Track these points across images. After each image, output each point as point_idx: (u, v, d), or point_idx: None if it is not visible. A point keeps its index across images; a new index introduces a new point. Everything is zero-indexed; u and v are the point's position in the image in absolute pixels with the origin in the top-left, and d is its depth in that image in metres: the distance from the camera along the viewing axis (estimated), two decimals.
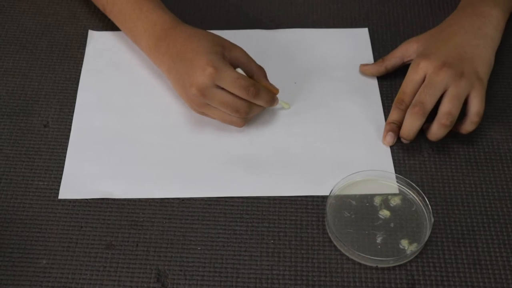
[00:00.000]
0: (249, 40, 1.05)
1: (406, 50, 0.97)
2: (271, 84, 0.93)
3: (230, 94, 0.88)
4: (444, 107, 0.88)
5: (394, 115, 0.92)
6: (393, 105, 0.92)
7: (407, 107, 0.91)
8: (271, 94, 0.92)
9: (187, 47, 0.90)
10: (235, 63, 0.91)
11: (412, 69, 0.92)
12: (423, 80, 0.90)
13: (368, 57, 1.03)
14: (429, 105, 0.89)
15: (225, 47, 0.91)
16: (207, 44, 0.90)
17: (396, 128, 0.92)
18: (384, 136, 0.92)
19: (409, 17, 1.08)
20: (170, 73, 0.93)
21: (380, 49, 1.03)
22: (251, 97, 0.88)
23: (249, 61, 0.93)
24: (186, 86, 0.89)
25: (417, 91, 0.90)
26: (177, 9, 1.09)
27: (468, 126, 0.90)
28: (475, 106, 0.89)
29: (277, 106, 0.95)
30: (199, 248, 0.83)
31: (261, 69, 0.94)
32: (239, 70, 0.90)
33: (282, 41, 1.05)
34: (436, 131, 0.89)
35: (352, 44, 1.05)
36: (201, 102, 0.89)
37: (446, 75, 0.88)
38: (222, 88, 0.88)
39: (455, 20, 0.97)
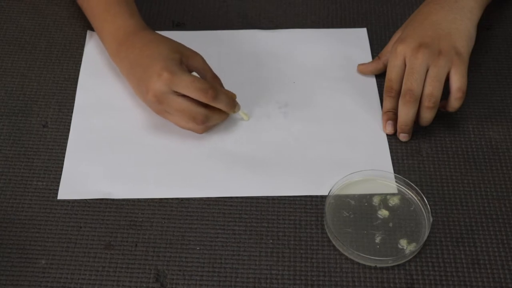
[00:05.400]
0: (248, 41, 1.05)
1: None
2: (227, 91, 0.92)
3: (187, 101, 0.87)
4: (426, 90, 0.89)
5: (387, 104, 0.93)
6: (384, 94, 0.93)
7: (398, 93, 0.92)
8: (230, 98, 0.91)
9: (144, 53, 0.90)
10: (192, 71, 0.90)
11: (392, 55, 0.92)
12: (405, 64, 0.91)
13: (367, 57, 1.03)
14: (418, 91, 0.89)
15: (183, 54, 0.90)
16: (164, 51, 0.89)
17: (393, 115, 0.92)
18: (384, 126, 0.93)
19: (408, 17, 1.08)
20: (129, 79, 0.94)
21: (378, 49, 1.03)
22: (210, 99, 0.87)
23: (205, 70, 0.92)
24: (143, 93, 0.89)
25: (402, 75, 0.91)
26: (176, 10, 1.10)
27: (453, 103, 0.91)
28: (456, 82, 0.90)
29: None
30: (198, 248, 0.83)
31: (216, 78, 0.93)
32: (195, 74, 0.90)
33: (281, 41, 1.05)
34: (423, 114, 0.91)
35: (350, 44, 1.05)
36: (158, 108, 0.89)
37: (424, 56, 0.89)
38: (180, 95, 0.87)
39: None
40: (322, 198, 0.87)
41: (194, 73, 0.90)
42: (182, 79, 0.86)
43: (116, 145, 0.92)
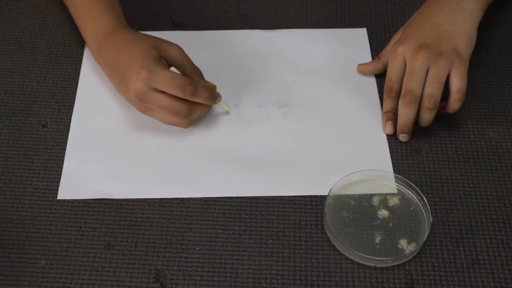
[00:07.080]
0: (248, 41, 1.05)
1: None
2: (207, 82, 0.92)
3: (168, 97, 0.88)
4: (426, 91, 0.89)
5: (387, 104, 0.93)
6: (384, 94, 0.93)
7: (398, 94, 0.92)
8: (210, 91, 0.91)
9: (123, 52, 0.91)
10: (171, 64, 0.91)
11: (392, 56, 0.93)
12: (405, 65, 0.91)
13: (367, 57, 1.03)
14: (418, 91, 0.89)
15: (160, 48, 0.90)
16: (142, 49, 0.90)
17: (393, 116, 0.92)
18: (384, 126, 0.93)
19: (408, 18, 1.07)
20: (111, 79, 0.94)
21: (378, 49, 1.03)
22: (189, 96, 0.87)
23: (184, 61, 0.92)
24: (125, 92, 0.90)
25: (402, 76, 0.91)
26: (176, 10, 1.10)
27: (452, 104, 0.91)
28: (456, 84, 0.90)
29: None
30: (198, 248, 0.83)
31: (196, 70, 0.93)
32: (173, 69, 0.90)
33: (281, 41, 1.05)
34: (423, 115, 0.91)
35: (350, 44, 1.05)
36: (141, 106, 0.90)
37: (424, 57, 0.89)
38: (160, 92, 0.87)
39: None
40: (322, 198, 0.87)
41: (173, 68, 0.90)
42: (161, 77, 0.87)
43: (116, 145, 0.92)
